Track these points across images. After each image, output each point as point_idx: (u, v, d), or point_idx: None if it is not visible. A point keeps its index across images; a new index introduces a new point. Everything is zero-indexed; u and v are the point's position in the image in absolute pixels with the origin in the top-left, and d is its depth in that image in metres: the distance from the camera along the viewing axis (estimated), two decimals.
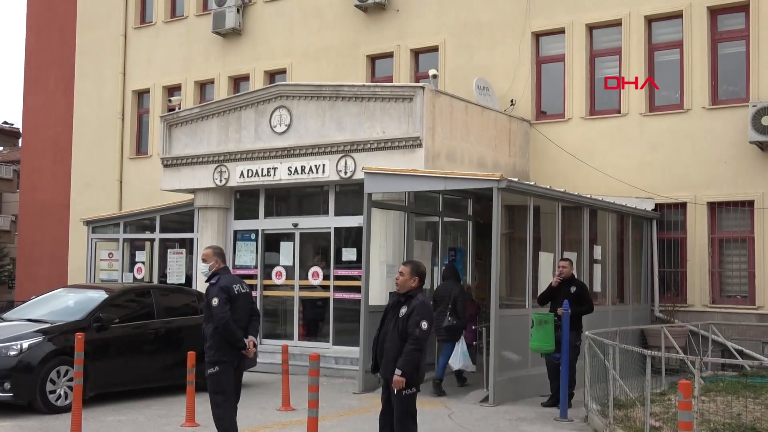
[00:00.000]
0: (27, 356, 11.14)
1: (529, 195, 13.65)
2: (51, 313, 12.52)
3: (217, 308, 8.38)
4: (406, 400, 7.44)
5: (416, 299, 7.54)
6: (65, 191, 25.51)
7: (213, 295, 8.48)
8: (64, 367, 11.37)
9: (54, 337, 11.54)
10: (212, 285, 8.58)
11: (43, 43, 27.67)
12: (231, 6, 21.88)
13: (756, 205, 15.63)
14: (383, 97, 15.17)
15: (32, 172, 28.12)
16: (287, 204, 17.60)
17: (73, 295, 13.26)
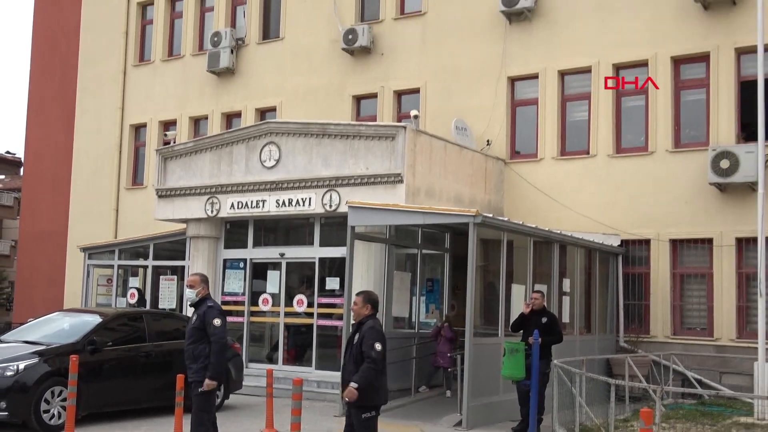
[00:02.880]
0: (23, 377, 11.07)
1: (503, 230, 13.74)
2: (47, 335, 12.44)
3: (220, 328, 8.43)
4: (366, 424, 7.41)
5: (366, 325, 7.65)
6: (63, 219, 25.40)
7: (214, 316, 8.50)
8: (59, 387, 11.31)
9: (49, 358, 11.48)
10: (211, 308, 8.61)
11: (46, 79, 27.66)
12: (225, 47, 22.02)
13: (715, 243, 15.77)
14: (367, 136, 15.26)
15: (32, 200, 27.97)
16: (275, 234, 17.61)
17: (69, 319, 13.18)
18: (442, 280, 16.52)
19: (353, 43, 19.81)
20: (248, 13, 22.32)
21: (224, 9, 22.77)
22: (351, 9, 20.49)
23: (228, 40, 22.03)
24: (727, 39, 15.91)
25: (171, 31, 24.12)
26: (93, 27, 25.54)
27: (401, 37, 19.71)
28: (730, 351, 15.33)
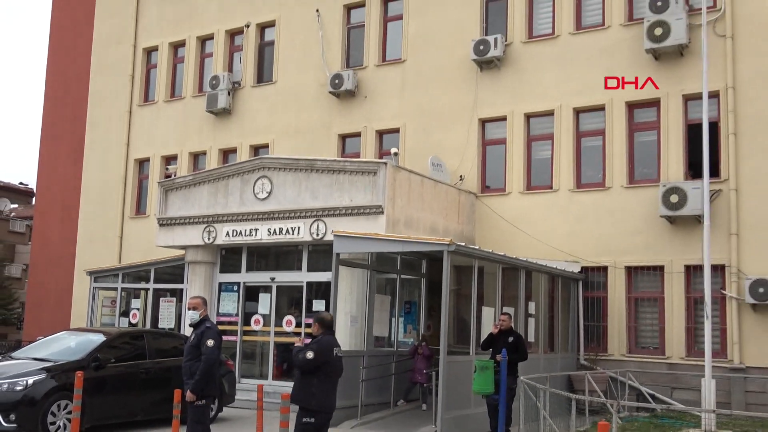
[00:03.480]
0: (31, 391, 10.98)
1: (474, 257, 13.76)
2: (54, 352, 12.34)
3: (212, 348, 8.39)
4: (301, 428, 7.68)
5: (313, 341, 7.92)
6: (71, 245, 25.22)
7: (209, 337, 8.46)
8: (65, 401, 11.24)
9: (56, 374, 11.38)
10: (208, 329, 8.59)
11: (58, 117, 27.60)
12: (223, 89, 22.06)
13: (665, 270, 15.86)
14: (351, 171, 15.30)
15: (43, 228, 27.77)
16: (266, 260, 17.53)
17: (75, 337, 13.08)
18: (419, 303, 16.50)
19: (339, 87, 19.92)
20: (244, 59, 22.40)
21: (222, 55, 22.87)
22: (337, 56, 20.63)
23: (225, 83, 22.09)
24: (676, 86, 16.13)
25: (173, 75, 24.16)
26: (102, 70, 25.55)
27: (383, 82, 19.84)
28: (680, 368, 15.37)
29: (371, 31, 20.26)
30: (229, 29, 22.85)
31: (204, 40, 23.54)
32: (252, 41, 22.34)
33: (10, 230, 51.92)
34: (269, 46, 22.22)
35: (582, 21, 17.59)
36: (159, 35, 24.38)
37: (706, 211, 13.02)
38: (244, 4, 22.56)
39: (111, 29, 25.47)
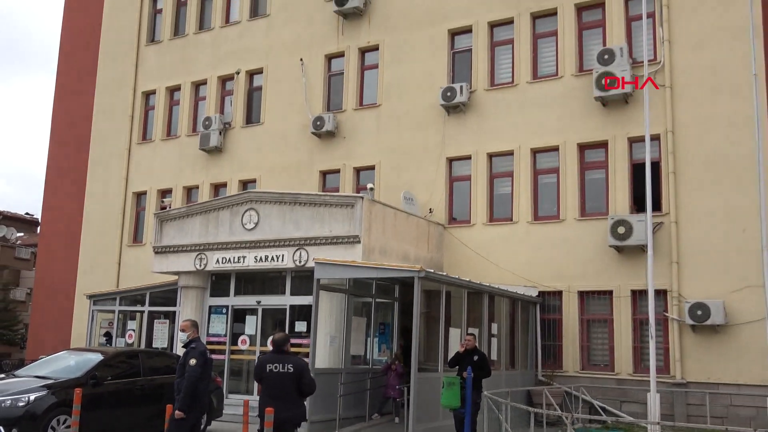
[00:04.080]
0: (33, 407, 10.76)
1: (442, 283, 13.78)
2: (55, 371, 12.10)
3: (194, 368, 8.28)
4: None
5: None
6: (73, 271, 24.85)
7: (193, 356, 8.37)
8: (64, 416, 10.99)
9: (56, 391, 11.18)
10: (193, 349, 8.49)
11: (63, 153, 27.36)
12: (215, 129, 22.04)
13: (614, 294, 15.97)
14: (331, 204, 15.30)
15: (47, 255, 27.36)
16: (252, 285, 17.38)
17: (75, 357, 12.84)
18: (392, 324, 16.43)
19: (321, 128, 19.98)
20: (234, 102, 22.42)
21: (215, 98, 22.88)
22: (319, 100, 20.72)
23: (217, 123, 22.07)
24: (622, 130, 16.38)
25: (169, 116, 24.10)
26: (104, 111, 25.42)
27: (360, 124, 19.94)
28: (628, 383, 15.41)
29: (350, 78, 20.41)
30: (221, 75, 22.89)
31: (198, 85, 23.55)
32: (242, 86, 22.38)
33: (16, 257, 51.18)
34: (257, 91, 22.27)
35: (538, 71, 17.86)
36: (157, 80, 24.35)
37: (649, 241, 13.15)
38: (235, 54, 22.64)
39: (113, 74, 25.40)
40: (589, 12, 17.41)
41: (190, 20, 23.99)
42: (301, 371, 7.95)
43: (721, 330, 14.74)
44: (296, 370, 7.92)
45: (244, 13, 22.79)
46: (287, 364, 7.93)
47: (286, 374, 7.89)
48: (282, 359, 8.00)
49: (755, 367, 14.26)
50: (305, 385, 7.97)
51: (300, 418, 8.07)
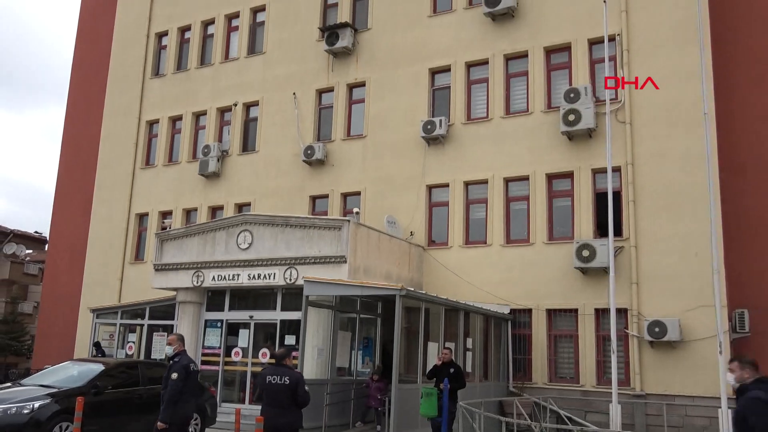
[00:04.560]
0: (37, 414, 10.52)
1: (422, 300, 13.75)
2: (59, 380, 11.87)
3: (175, 381, 8.26)
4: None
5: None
6: (78, 286, 24.52)
7: (175, 370, 8.34)
8: (66, 423, 10.74)
9: (60, 399, 10.95)
10: (175, 363, 8.45)
11: (71, 177, 27.17)
12: (213, 156, 21.98)
13: (579, 312, 16.00)
14: (320, 226, 15.27)
15: (53, 271, 27.01)
16: (246, 301, 17.24)
17: (77, 367, 12.60)
18: (375, 338, 16.35)
19: (311, 157, 19.99)
20: (232, 131, 22.40)
21: (213, 128, 22.84)
22: (310, 131, 20.76)
23: (215, 151, 22.02)
24: (586, 162, 16.51)
25: (171, 143, 24.01)
26: (110, 138, 25.28)
27: (347, 153, 19.97)
28: (592, 395, 15.40)
29: (338, 111, 20.48)
30: (219, 107, 22.88)
31: (198, 115, 23.52)
32: (239, 117, 22.38)
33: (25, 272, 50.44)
34: (253, 121, 22.27)
35: (510, 107, 18.02)
36: (160, 110, 24.30)
37: (611, 263, 13.21)
38: (233, 87, 22.66)
39: (119, 104, 25.31)
40: (557, 55, 17.64)
41: (192, 56, 24.01)
42: (296, 383, 8.02)
43: (676, 346, 14.80)
44: (291, 382, 8.01)
45: (243, 51, 22.85)
46: (284, 377, 8.05)
47: (282, 385, 8.01)
48: (280, 372, 8.12)
49: (707, 380, 14.30)
50: (300, 396, 8.03)
51: (296, 424, 8.13)
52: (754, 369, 5.71)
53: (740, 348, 15.45)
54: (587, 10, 17.07)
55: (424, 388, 11.91)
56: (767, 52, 16.68)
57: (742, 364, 5.78)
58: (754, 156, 16.27)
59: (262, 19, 22.81)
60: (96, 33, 28.08)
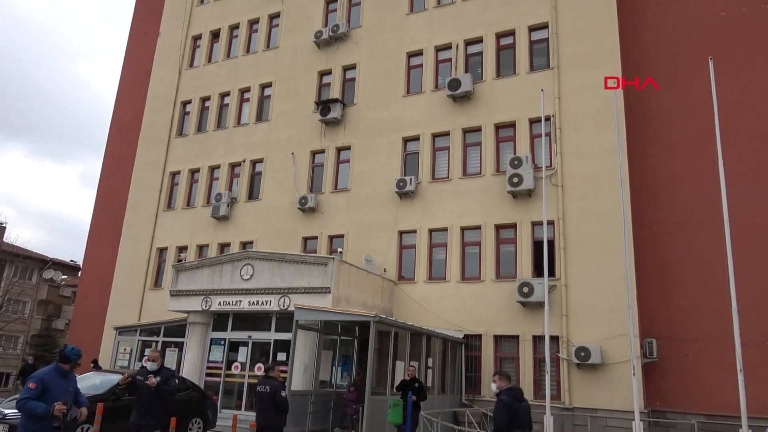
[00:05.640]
0: None
1: (392, 326, 13.63)
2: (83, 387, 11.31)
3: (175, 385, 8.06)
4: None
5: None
6: (104, 307, 23.90)
7: (170, 376, 8.05)
8: (87, 425, 10.32)
9: None
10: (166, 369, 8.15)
11: (104, 216, 26.75)
12: (224, 202, 21.86)
13: (520, 338, 15.95)
14: (309, 262, 15.17)
15: (84, 294, 26.31)
16: (246, 323, 16.95)
17: (100, 377, 12.18)
18: (353, 357, 16.11)
19: (305, 205, 19.98)
20: (240, 182, 22.35)
21: (225, 179, 22.77)
22: (304, 184, 20.79)
23: (226, 198, 21.90)
24: (526, 216, 16.71)
25: (189, 191, 23.85)
26: (139, 185, 25.05)
27: (334, 203, 20.00)
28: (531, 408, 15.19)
29: (328, 169, 20.58)
30: (231, 162, 22.86)
31: (213, 168, 23.45)
32: (247, 171, 22.37)
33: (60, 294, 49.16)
34: (258, 175, 22.27)
35: (467, 170, 18.26)
36: (181, 163, 24.20)
37: (546, 298, 13.28)
38: (243, 147, 22.71)
39: (148, 158, 25.18)
40: (504, 129, 18.03)
41: (210, 121, 24.09)
42: (274, 392, 8.05)
43: (598, 368, 14.78)
44: (271, 390, 8.08)
45: (252, 118, 23.00)
46: (267, 386, 8.14)
47: (266, 393, 8.10)
48: (265, 382, 8.21)
49: (624, 396, 14.27)
50: (278, 402, 8.03)
51: (278, 424, 8.15)
52: (507, 380, 6.65)
53: (649, 370, 15.50)
54: (528, 96, 17.55)
55: (392, 400, 11.72)
56: (673, 132, 17.22)
57: (501, 376, 6.65)
58: (662, 214, 16.63)
59: (269, 93, 23.06)
60: (132, 99, 28.11)
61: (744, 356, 10.34)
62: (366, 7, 21.56)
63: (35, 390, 5.83)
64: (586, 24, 17.37)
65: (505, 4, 18.88)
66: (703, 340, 15.16)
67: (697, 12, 17.80)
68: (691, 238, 16.01)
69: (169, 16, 27.02)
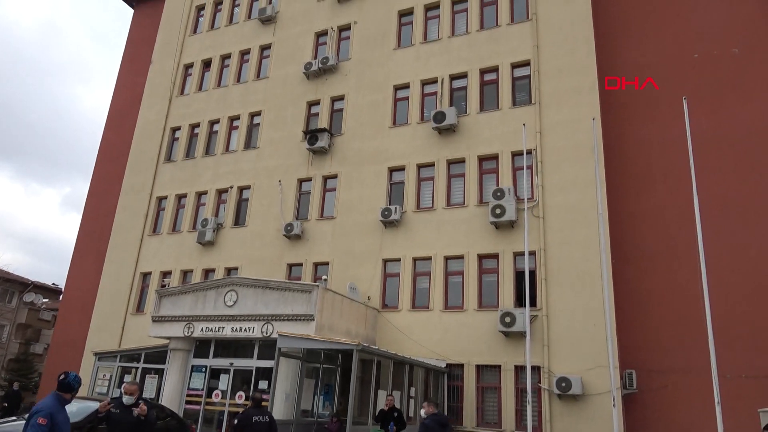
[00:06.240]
0: None
1: (375, 355, 13.49)
2: None
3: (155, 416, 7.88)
4: None
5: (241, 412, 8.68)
6: (84, 332, 23.36)
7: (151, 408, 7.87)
8: None
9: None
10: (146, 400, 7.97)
11: (89, 239, 26.40)
12: (210, 228, 21.70)
13: (502, 368, 15.86)
14: (294, 289, 15.04)
15: (65, 318, 25.74)
16: (228, 350, 16.64)
17: (77, 404, 11.66)
18: (335, 386, 15.87)
19: (290, 232, 19.90)
20: (227, 208, 22.24)
21: (212, 204, 22.67)
22: (291, 211, 20.76)
23: (212, 224, 21.76)
24: (509, 246, 16.80)
25: (176, 216, 23.66)
26: (125, 209, 24.80)
27: (320, 231, 19.96)
28: None
29: (315, 196, 20.60)
30: (218, 188, 22.80)
31: (200, 194, 23.35)
32: (234, 197, 22.30)
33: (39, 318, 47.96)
34: (245, 201, 22.20)
35: (451, 200, 18.39)
36: (169, 189, 24.07)
37: (527, 328, 13.27)
38: (231, 174, 22.69)
39: (135, 182, 25.02)
40: (488, 162, 18.25)
41: (199, 147, 24.08)
42: (273, 421, 8.62)
43: (579, 398, 14.72)
44: (270, 420, 8.62)
45: (240, 145, 23.04)
46: (264, 416, 8.62)
47: (264, 423, 8.55)
48: (261, 412, 8.70)
49: (604, 427, 14.18)
50: (275, 430, 8.57)
51: None
52: (435, 407, 7.29)
53: (629, 402, 15.47)
54: (511, 130, 17.85)
55: (373, 429, 11.54)
56: (650, 168, 17.57)
57: (429, 404, 7.28)
58: (641, 246, 16.83)
59: (258, 121, 23.17)
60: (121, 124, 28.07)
61: (722, 388, 10.40)
62: (355, 42, 21.94)
63: (46, 427, 5.48)
64: (566, 63, 17.82)
65: (489, 42, 19.33)
66: (683, 372, 15.20)
67: (672, 53, 18.38)
68: (669, 270, 16.19)
69: (162, 44, 27.22)
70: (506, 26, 19.23)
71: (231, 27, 25.51)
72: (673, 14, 18.88)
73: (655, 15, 19.15)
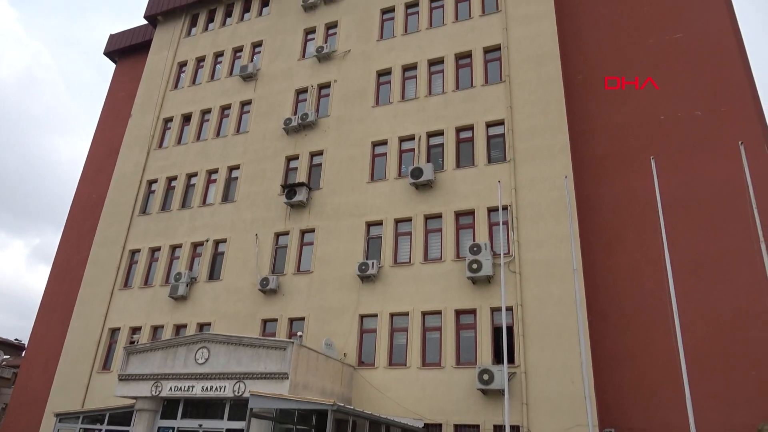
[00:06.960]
0: None
1: (350, 415, 13.04)
2: None
3: None
4: None
5: None
6: (46, 392, 22.23)
7: None
8: None
9: None
10: None
11: (57, 292, 25.55)
12: (183, 282, 21.22)
13: (480, 428, 15.40)
14: (268, 346, 14.63)
15: (26, 375, 24.50)
16: (197, 409, 15.91)
17: None
18: None
19: (266, 287, 19.56)
20: (201, 261, 21.85)
21: (186, 258, 22.24)
22: (267, 265, 20.49)
23: (185, 278, 21.30)
24: (486, 302, 16.71)
25: (148, 270, 23.12)
26: (96, 262, 24.16)
27: (296, 286, 19.66)
28: None
29: (292, 250, 20.42)
30: (194, 242, 22.46)
31: (175, 247, 22.95)
32: (209, 251, 21.96)
33: None
34: (220, 255, 21.87)
35: (428, 256, 18.37)
36: (143, 242, 23.63)
37: (506, 386, 13.04)
38: (207, 227, 22.44)
39: (108, 235, 24.52)
40: (464, 217, 18.42)
41: (175, 200, 23.87)
42: None
43: None
44: None
45: (218, 198, 22.92)
46: None
47: None
48: None
49: None
50: None
51: None
52: None
53: None
54: (487, 186, 18.14)
55: None
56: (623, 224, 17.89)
57: None
58: (616, 303, 16.89)
59: (236, 175, 23.17)
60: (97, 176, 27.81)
61: None
62: (335, 99, 22.40)
63: None
64: (538, 122, 18.40)
65: (465, 101, 19.92)
66: (661, 430, 14.98)
67: (639, 114, 19.14)
68: (644, 326, 16.22)
69: (142, 98, 27.41)
70: (481, 87, 19.89)
71: (212, 83, 25.89)
72: (642, 76, 19.70)
73: (625, 74, 19.92)
